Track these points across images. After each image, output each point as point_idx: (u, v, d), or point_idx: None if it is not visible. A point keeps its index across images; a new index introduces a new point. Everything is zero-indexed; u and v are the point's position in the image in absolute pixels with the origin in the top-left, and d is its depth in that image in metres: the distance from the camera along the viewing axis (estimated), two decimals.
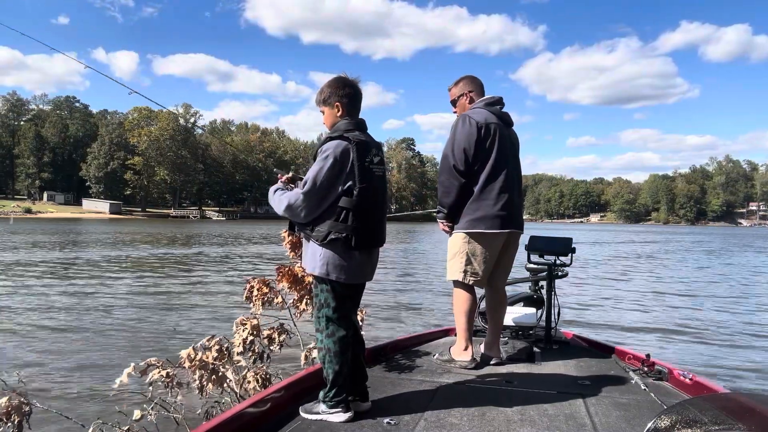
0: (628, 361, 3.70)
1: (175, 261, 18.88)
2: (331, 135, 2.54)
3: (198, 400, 3.14)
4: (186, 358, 2.96)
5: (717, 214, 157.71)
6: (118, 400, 4.08)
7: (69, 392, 4.82)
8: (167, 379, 2.88)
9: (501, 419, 2.59)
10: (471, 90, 3.68)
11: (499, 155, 3.44)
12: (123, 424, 3.03)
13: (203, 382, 2.98)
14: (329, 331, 2.52)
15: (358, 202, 2.46)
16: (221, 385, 3.13)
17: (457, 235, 3.52)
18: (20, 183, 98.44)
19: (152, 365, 2.90)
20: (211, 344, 3.66)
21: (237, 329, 3.85)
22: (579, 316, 9.36)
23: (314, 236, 2.49)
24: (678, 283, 15.55)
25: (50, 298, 10.28)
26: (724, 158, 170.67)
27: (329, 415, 2.52)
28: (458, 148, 3.38)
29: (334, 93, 2.60)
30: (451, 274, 3.58)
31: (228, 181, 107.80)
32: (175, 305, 9.84)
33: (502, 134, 3.48)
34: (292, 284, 4.08)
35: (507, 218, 3.44)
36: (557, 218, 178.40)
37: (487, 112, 3.49)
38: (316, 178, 2.44)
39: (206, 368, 2.98)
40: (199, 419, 3.48)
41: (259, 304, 4.10)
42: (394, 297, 11.29)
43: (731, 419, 1.43)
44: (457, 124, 3.47)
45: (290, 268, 4.13)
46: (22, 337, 7.20)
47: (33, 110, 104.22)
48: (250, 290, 4.14)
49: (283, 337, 3.98)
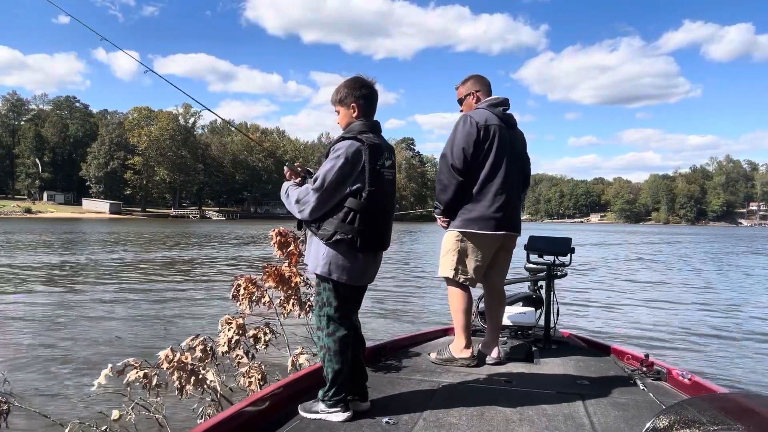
0: (626, 361, 3.70)
1: (171, 261, 18.84)
2: (344, 135, 2.53)
3: (179, 400, 3.08)
4: (164, 359, 2.90)
5: (717, 214, 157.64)
6: (102, 401, 4.04)
7: (51, 392, 4.78)
8: (145, 380, 2.82)
9: (500, 419, 2.59)
10: (478, 90, 3.71)
11: (498, 157, 3.46)
12: (103, 424, 2.98)
13: (182, 383, 2.92)
14: (330, 330, 2.51)
15: (366, 205, 2.45)
16: (201, 386, 3.08)
17: (451, 233, 3.54)
18: (20, 183, 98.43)
19: (130, 366, 2.85)
20: (195, 344, 3.62)
21: (222, 328, 3.80)
22: (578, 316, 9.34)
23: (320, 235, 2.47)
24: (677, 283, 15.52)
25: (37, 298, 10.24)
26: (724, 158, 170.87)
27: (328, 414, 2.52)
28: (457, 148, 3.41)
29: (350, 93, 2.58)
30: (442, 271, 3.59)
31: (228, 181, 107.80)
32: (167, 305, 9.80)
33: (502, 136, 3.49)
34: (278, 284, 4.03)
35: (502, 220, 3.46)
36: (557, 218, 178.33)
37: (489, 113, 3.50)
38: (326, 176, 2.42)
39: (185, 369, 2.93)
40: (180, 420, 3.43)
41: (246, 303, 4.06)
42: (394, 296, 11.26)
43: (730, 419, 1.43)
44: (458, 124, 3.50)
45: (277, 268, 4.09)
46: (3, 335, 7.14)
47: (33, 110, 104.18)
48: (237, 288, 4.10)
49: (269, 336, 3.94)
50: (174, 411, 3.67)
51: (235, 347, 3.72)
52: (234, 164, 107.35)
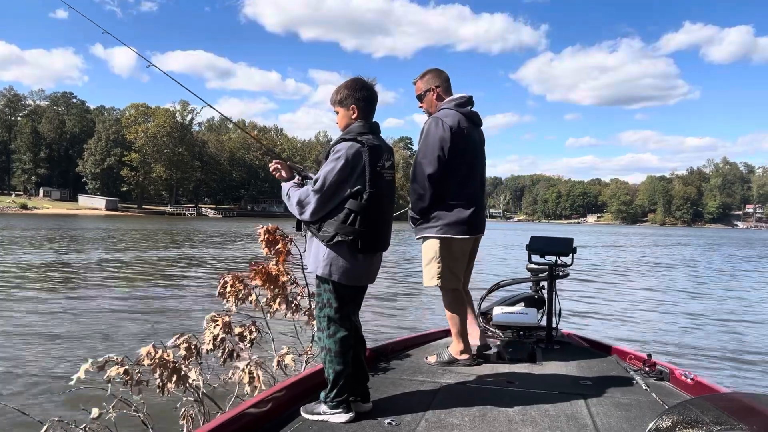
0: (629, 361, 3.70)
1: (166, 259, 18.78)
2: (344, 136, 2.52)
3: (161, 398, 3.05)
4: (145, 356, 2.87)
5: (713, 216, 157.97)
6: (87, 399, 3.99)
7: (33, 390, 4.73)
8: (126, 377, 2.79)
9: (502, 419, 2.58)
10: (438, 85, 3.59)
11: (471, 161, 3.47)
12: (82, 422, 2.94)
13: (164, 381, 2.89)
14: (330, 331, 2.51)
15: (366, 206, 2.45)
16: (184, 384, 3.04)
17: (432, 241, 3.51)
18: (16, 179, 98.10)
19: (111, 361, 2.81)
20: (180, 342, 3.58)
21: (208, 326, 3.77)
22: (580, 316, 9.33)
23: (320, 236, 2.47)
24: (679, 283, 15.55)
25: (24, 294, 10.18)
26: (721, 160, 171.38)
27: (330, 415, 2.52)
28: (432, 154, 3.34)
29: (351, 95, 2.57)
30: (428, 281, 3.57)
31: (225, 178, 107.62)
32: (158, 303, 9.75)
33: (473, 138, 3.50)
34: (265, 282, 4.00)
35: (476, 224, 3.52)
36: (554, 219, 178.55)
37: (459, 115, 3.44)
38: (326, 177, 2.42)
39: (166, 367, 2.90)
40: (164, 418, 3.40)
41: (233, 300, 4.03)
42: (395, 296, 11.23)
43: (733, 419, 1.43)
44: (430, 128, 3.41)
45: (264, 266, 4.05)
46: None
47: (30, 106, 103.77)
48: (223, 286, 4.07)
49: (255, 335, 3.91)
50: (158, 410, 3.64)
51: (220, 345, 3.69)
52: (231, 162, 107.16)
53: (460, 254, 3.53)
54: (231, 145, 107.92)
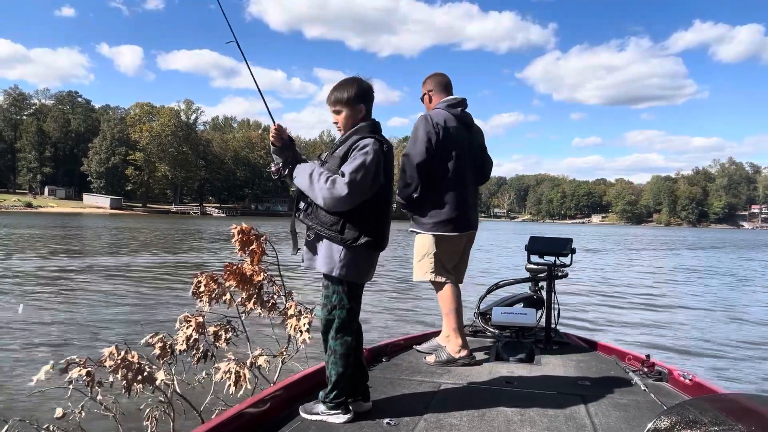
0: (628, 362, 3.69)
1: (165, 259, 18.82)
2: (365, 135, 2.51)
3: (128, 398, 3.03)
4: (107, 357, 2.85)
5: (719, 217, 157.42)
6: (61, 399, 3.98)
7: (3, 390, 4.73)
8: (87, 378, 2.77)
9: (501, 420, 2.59)
10: (430, 89, 3.85)
11: (459, 159, 3.60)
12: (45, 422, 2.93)
13: (129, 382, 2.87)
14: (339, 334, 2.53)
15: (380, 204, 2.50)
16: (152, 384, 3.02)
17: (424, 237, 3.65)
18: (22, 177, 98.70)
19: (73, 363, 2.80)
20: (155, 341, 3.57)
21: (180, 326, 3.75)
22: (579, 317, 9.28)
23: (342, 238, 2.43)
24: (678, 284, 15.49)
25: (23, 292, 10.21)
26: (727, 160, 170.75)
27: (329, 415, 2.54)
28: (420, 145, 3.52)
29: (357, 94, 2.57)
30: (420, 275, 3.69)
31: (229, 177, 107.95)
32: (148, 303, 9.76)
33: (461, 137, 3.63)
34: (239, 283, 3.98)
35: (467, 220, 3.67)
36: (558, 219, 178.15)
37: (447, 114, 3.62)
38: (368, 168, 2.36)
39: (130, 368, 2.88)
40: (137, 419, 3.39)
41: (206, 300, 4.00)
42: (393, 297, 11.18)
43: (731, 420, 1.45)
44: (419, 124, 3.60)
45: (238, 267, 4.02)
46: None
47: (35, 104, 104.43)
48: (197, 285, 4.04)
49: (230, 334, 3.88)
50: (133, 409, 3.62)
51: (193, 346, 3.67)
52: (235, 161, 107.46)
53: (452, 250, 3.66)
54: (235, 144, 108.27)
